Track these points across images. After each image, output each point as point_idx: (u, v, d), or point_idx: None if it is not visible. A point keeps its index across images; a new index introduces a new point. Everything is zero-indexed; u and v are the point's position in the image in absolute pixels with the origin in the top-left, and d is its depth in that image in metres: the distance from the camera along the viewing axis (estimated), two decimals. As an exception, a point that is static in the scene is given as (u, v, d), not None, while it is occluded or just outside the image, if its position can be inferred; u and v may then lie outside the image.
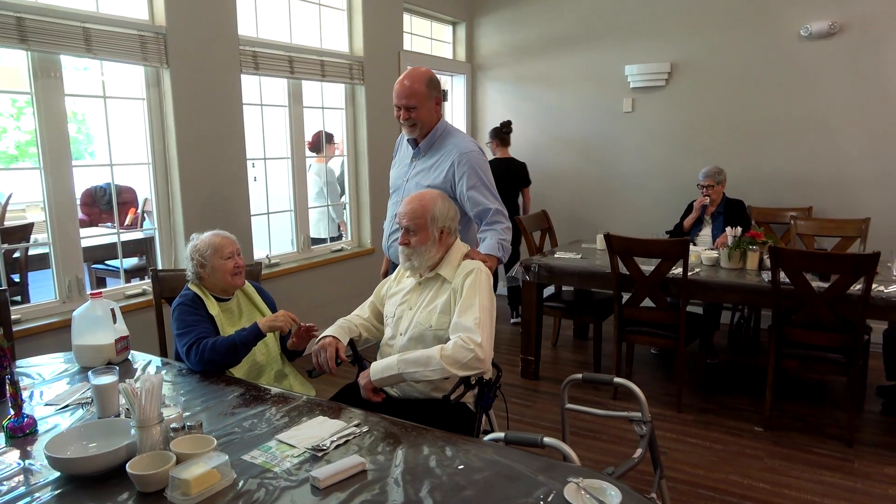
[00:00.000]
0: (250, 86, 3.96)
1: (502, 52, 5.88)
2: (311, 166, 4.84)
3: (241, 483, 1.44)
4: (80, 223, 3.18)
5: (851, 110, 4.57)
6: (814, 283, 3.13)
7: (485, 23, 5.92)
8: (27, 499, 1.40)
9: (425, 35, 5.67)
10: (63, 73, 2.99)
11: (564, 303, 4.32)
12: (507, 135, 5.10)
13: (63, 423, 1.77)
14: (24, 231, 4.20)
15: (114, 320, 2.22)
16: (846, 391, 3.21)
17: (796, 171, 4.80)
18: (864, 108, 4.53)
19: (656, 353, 4.53)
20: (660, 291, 3.49)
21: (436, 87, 2.53)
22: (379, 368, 1.99)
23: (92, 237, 4.37)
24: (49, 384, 2.06)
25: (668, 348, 4.05)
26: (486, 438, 1.72)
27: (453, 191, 2.51)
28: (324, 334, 2.19)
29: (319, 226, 4.86)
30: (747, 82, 4.87)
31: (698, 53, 5.02)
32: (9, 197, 5.36)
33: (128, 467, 1.40)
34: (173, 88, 3.38)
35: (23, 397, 1.73)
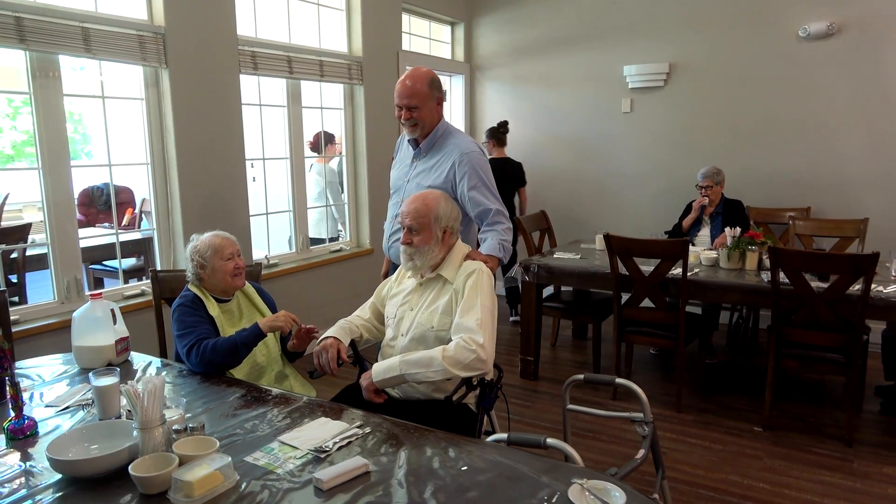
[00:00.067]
0: (249, 86, 3.95)
1: (501, 53, 5.88)
2: (311, 166, 4.84)
3: (243, 485, 1.44)
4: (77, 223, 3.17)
5: (850, 111, 4.58)
6: (813, 284, 3.14)
7: (483, 23, 5.92)
8: (28, 501, 1.39)
9: (424, 35, 5.67)
10: (61, 73, 2.98)
11: (564, 303, 4.32)
12: (504, 135, 5.10)
13: (64, 425, 1.76)
14: (22, 231, 4.18)
15: (114, 321, 2.21)
16: (845, 391, 3.22)
17: (795, 172, 4.81)
18: (862, 108, 4.54)
19: (655, 353, 4.54)
20: (659, 292, 3.49)
21: (437, 87, 2.52)
22: (381, 369, 1.98)
23: (90, 238, 4.35)
24: (49, 386, 2.05)
25: (667, 348, 4.06)
26: (489, 439, 1.72)
27: (454, 191, 2.51)
28: (325, 335, 2.18)
29: (321, 226, 4.85)
30: (746, 83, 4.88)
31: (697, 54, 5.03)
32: (5, 197, 5.34)
33: (130, 469, 1.39)
34: (172, 88, 3.37)
35: (23, 399, 1.72)
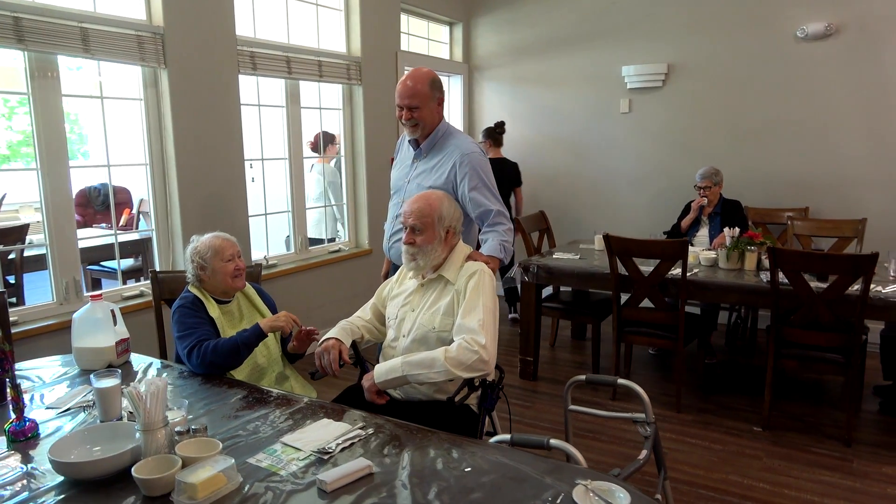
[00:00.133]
0: (248, 86, 3.94)
1: (499, 53, 5.88)
2: (312, 167, 4.82)
3: (247, 487, 1.43)
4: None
5: (848, 111, 4.59)
6: (812, 284, 3.15)
7: (482, 23, 5.92)
8: (31, 504, 1.39)
9: (422, 35, 5.67)
10: (60, 74, 2.97)
11: (563, 303, 4.32)
12: (501, 135, 5.11)
13: (65, 427, 1.75)
14: (20, 232, 4.17)
15: (114, 322, 2.20)
16: (844, 391, 3.23)
17: (793, 172, 4.82)
18: (860, 108, 4.55)
19: (654, 353, 4.54)
20: (658, 292, 3.50)
21: (438, 87, 2.52)
22: (383, 370, 1.98)
23: (88, 238, 4.34)
24: (49, 387, 2.04)
25: (666, 349, 4.06)
26: (492, 440, 1.72)
27: (455, 192, 2.51)
28: (326, 336, 2.18)
29: (322, 226, 4.84)
30: (744, 83, 4.89)
31: (695, 54, 5.03)
32: (2, 198, 5.32)
33: (133, 471, 1.39)
34: (171, 89, 3.37)
35: (24, 401, 1.71)
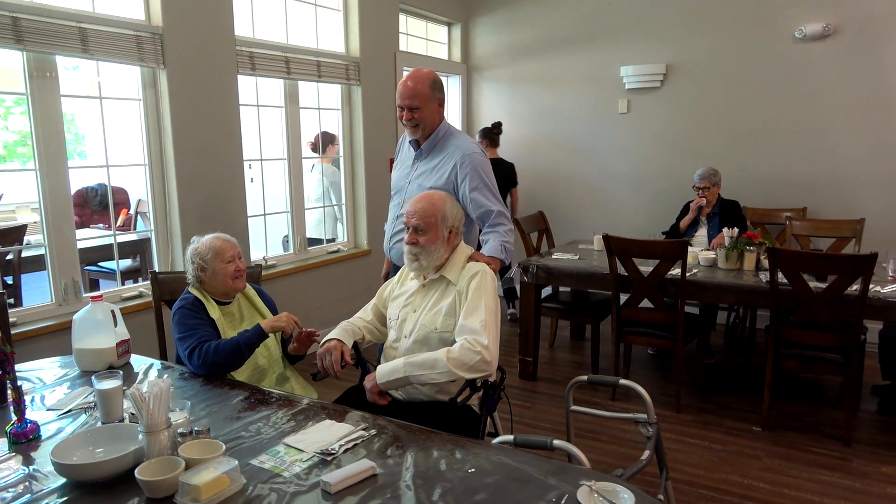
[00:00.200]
0: (247, 87, 3.93)
1: (497, 53, 5.88)
2: (313, 167, 4.82)
3: (250, 488, 1.43)
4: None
5: (845, 111, 4.61)
6: (811, 284, 3.15)
7: (480, 23, 5.92)
8: (33, 506, 1.38)
9: (421, 36, 5.66)
10: (58, 74, 2.96)
11: (562, 303, 4.32)
12: (497, 136, 5.11)
13: (66, 429, 1.75)
14: (18, 233, 4.15)
15: (115, 323, 2.19)
16: (842, 391, 3.23)
17: (791, 172, 4.83)
18: (858, 108, 4.57)
19: (653, 353, 4.55)
20: (658, 292, 3.50)
21: (439, 88, 2.52)
22: (385, 371, 1.98)
23: (86, 239, 4.32)
24: (50, 389, 2.04)
25: (665, 349, 4.07)
26: (495, 441, 1.72)
27: (456, 192, 2.51)
28: (328, 337, 2.17)
29: (323, 226, 4.83)
30: (742, 83, 4.89)
31: (693, 55, 5.04)
32: (-1, 198, 5.30)
33: (137, 473, 1.38)
34: (170, 89, 3.36)
35: (25, 403, 1.71)
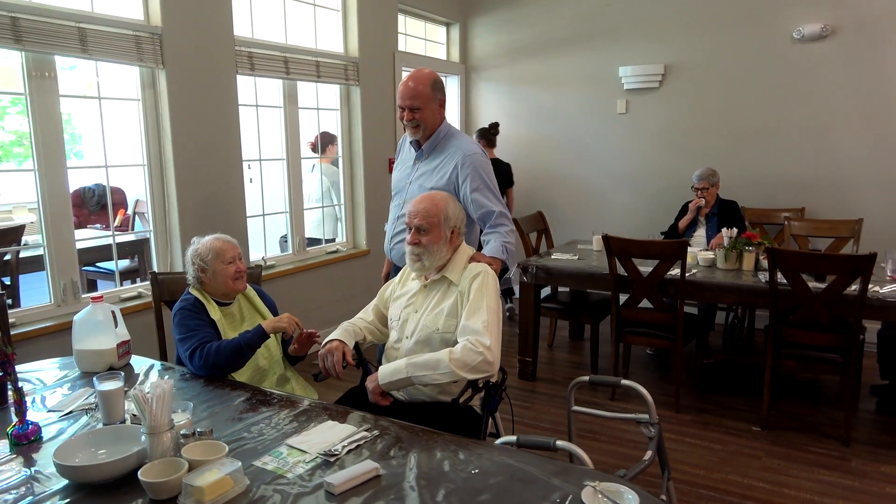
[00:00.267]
0: (245, 87, 3.92)
1: (496, 53, 5.88)
2: (314, 167, 4.81)
3: (254, 490, 1.43)
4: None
5: (844, 111, 4.62)
6: (809, 284, 3.16)
7: (478, 24, 5.92)
8: (36, 508, 1.38)
9: (419, 36, 5.66)
10: (57, 74, 2.95)
11: (561, 304, 4.32)
12: (494, 136, 5.12)
13: (67, 430, 1.74)
14: (16, 233, 4.14)
15: (115, 324, 2.19)
16: (840, 390, 3.24)
17: (789, 172, 4.84)
18: (856, 109, 4.58)
19: (651, 353, 4.56)
20: (657, 292, 3.50)
21: (440, 88, 2.52)
22: (387, 372, 1.98)
23: (85, 240, 4.31)
24: (51, 390, 2.03)
25: (664, 349, 4.07)
26: (498, 442, 1.72)
27: (456, 193, 2.50)
28: (329, 338, 2.17)
29: (323, 226, 4.83)
30: (740, 84, 4.90)
31: (692, 55, 5.05)
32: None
33: (140, 474, 1.38)
34: (169, 89, 3.35)
35: (27, 404, 1.70)
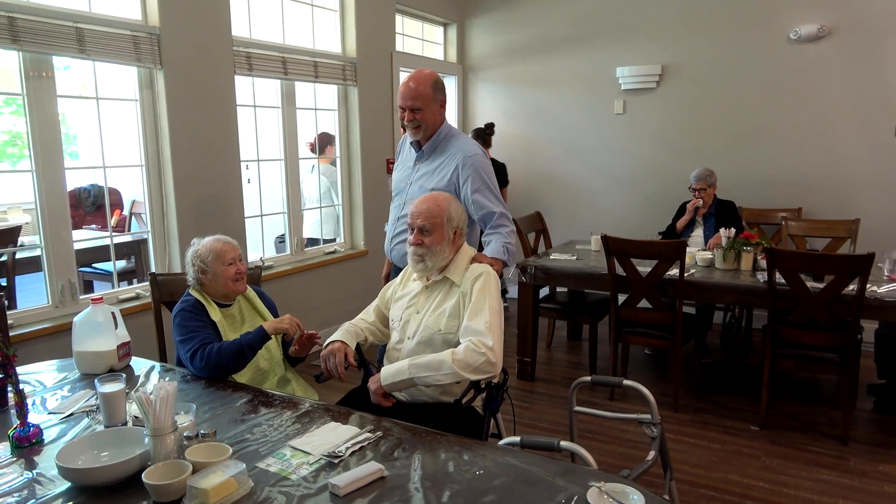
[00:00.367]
0: (243, 87, 3.91)
1: (493, 54, 5.88)
2: (313, 167, 4.80)
3: (258, 492, 1.42)
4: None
5: (840, 112, 4.63)
6: (808, 284, 3.17)
7: (476, 24, 5.92)
8: (38, 511, 1.37)
9: (417, 36, 5.66)
10: (55, 74, 2.93)
11: (559, 304, 4.33)
12: (490, 136, 5.13)
13: (68, 433, 1.73)
14: (12, 234, 4.12)
15: (115, 326, 2.18)
16: (838, 389, 3.25)
17: (786, 173, 4.86)
18: (852, 109, 4.60)
19: (650, 353, 4.56)
20: (656, 292, 3.51)
21: (441, 89, 2.52)
22: (390, 373, 1.97)
23: (81, 241, 4.29)
24: (51, 392, 2.02)
25: (663, 349, 4.08)
26: (502, 443, 1.71)
27: (457, 194, 2.50)
28: (331, 339, 2.16)
29: (324, 226, 4.82)
30: (738, 84, 4.92)
31: (689, 56, 5.06)
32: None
33: (144, 477, 1.37)
34: (167, 89, 3.34)
35: (28, 406, 1.69)
